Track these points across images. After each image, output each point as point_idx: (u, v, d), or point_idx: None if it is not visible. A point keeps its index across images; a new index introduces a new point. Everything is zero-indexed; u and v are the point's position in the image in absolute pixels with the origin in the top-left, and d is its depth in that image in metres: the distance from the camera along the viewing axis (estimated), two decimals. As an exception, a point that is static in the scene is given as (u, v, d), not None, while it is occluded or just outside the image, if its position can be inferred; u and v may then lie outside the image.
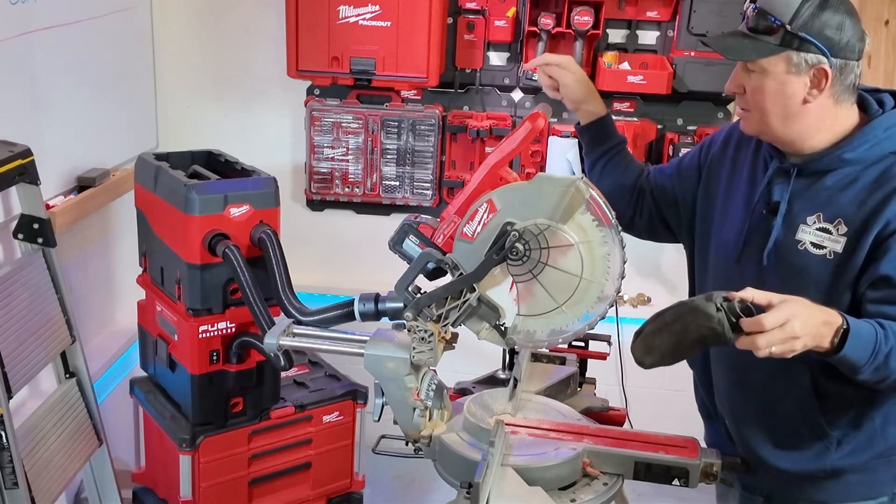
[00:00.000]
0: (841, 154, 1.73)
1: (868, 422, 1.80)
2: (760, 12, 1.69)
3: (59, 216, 2.63)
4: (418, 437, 1.82)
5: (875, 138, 1.72)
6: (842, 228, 1.71)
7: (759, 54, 1.69)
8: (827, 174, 1.75)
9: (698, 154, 2.05)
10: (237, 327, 2.61)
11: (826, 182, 1.75)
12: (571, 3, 3.20)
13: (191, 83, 3.59)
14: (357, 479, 3.05)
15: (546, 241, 1.68)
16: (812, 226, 1.75)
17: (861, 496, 1.87)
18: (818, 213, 1.74)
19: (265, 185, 2.60)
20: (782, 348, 1.52)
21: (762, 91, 1.72)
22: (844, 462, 1.83)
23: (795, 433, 1.84)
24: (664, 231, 2.13)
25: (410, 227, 1.80)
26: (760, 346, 1.51)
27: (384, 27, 3.19)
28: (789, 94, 1.71)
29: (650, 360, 1.63)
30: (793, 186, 1.78)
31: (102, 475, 2.82)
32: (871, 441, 1.82)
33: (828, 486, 1.86)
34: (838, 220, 1.72)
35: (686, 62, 3.23)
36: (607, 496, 1.76)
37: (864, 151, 1.72)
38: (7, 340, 2.31)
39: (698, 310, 1.56)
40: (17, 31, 2.52)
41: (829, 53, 1.67)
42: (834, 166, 1.74)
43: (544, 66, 2.12)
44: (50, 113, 2.73)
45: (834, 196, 1.73)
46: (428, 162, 3.49)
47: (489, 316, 1.75)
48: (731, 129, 1.99)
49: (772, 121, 1.74)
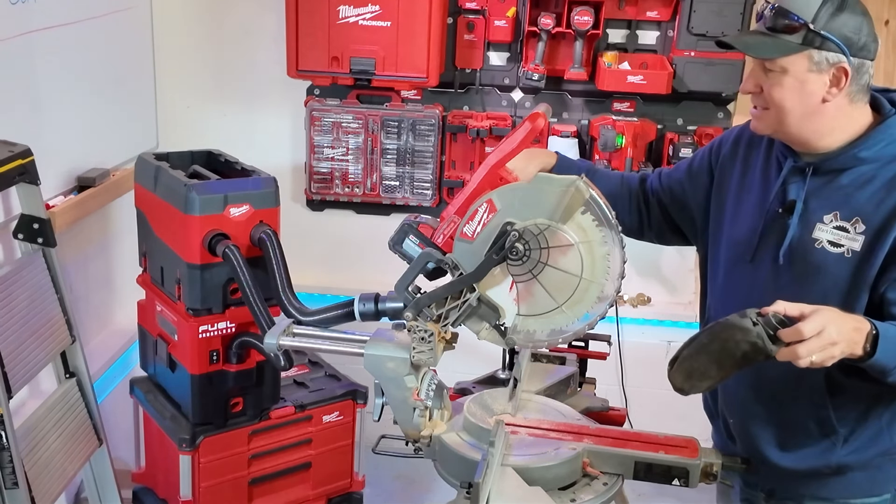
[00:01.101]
0: (857, 153, 1.74)
1: (876, 419, 1.82)
2: (780, 11, 1.69)
3: (59, 216, 2.63)
4: (418, 437, 1.82)
5: (890, 136, 1.73)
6: (859, 227, 1.72)
7: (781, 52, 1.69)
8: (843, 173, 1.76)
9: (708, 155, 2.04)
10: (237, 327, 2.61)
11: (842, 181, 1.76)
12: (571, 3, 3.20)
13: (191, 83, 3.59)
14: (357, 479, 3.05)
15: (546, 240, 1.68)
16: (829, 224, 1.75)
17: (864, 493, 1.88)
18: (835, 212, 1.75)
19: (265, 185, 2.60)
20: (822, 356, 1.53)
21: (781, 89, 1.72)
22: (850, 459, 1.83)
23: (804, 430, 1.84)
24: (674, 236, 2.12)
25: (410, 227, 1.80)
26: (801, 356, 1.52)
27: (384, 27, 3.19)
28: (809, 92, 1.71)
29: (691, 384, 1.62)
30: (808, 185, 1.78)
31: (102, 475, 2.82)
32: (877, 438, 1.83)
33: (832, 483, 1.87)
34: (855, 218, 1.73)
35: (686, 62, 3.23)
36: (607, 496, 1.76)
37: (879, 150, 1.73)
38: (7, 340, 2.31)
39: (735, 326, 1.55)
40: (17, 31, 2.52)
41: (848, 53, 1.68)
42: (850, 165, 1.75)
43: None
44: (50, 113, 2.73)
45: (850, 195, 1.74)
46: (428, 162, 3.49)
47: (489, 316, 1.75)
48: (741, 130, 1.99)
49: (789, 119, 1.74)
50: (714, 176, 2.01)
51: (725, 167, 1.99)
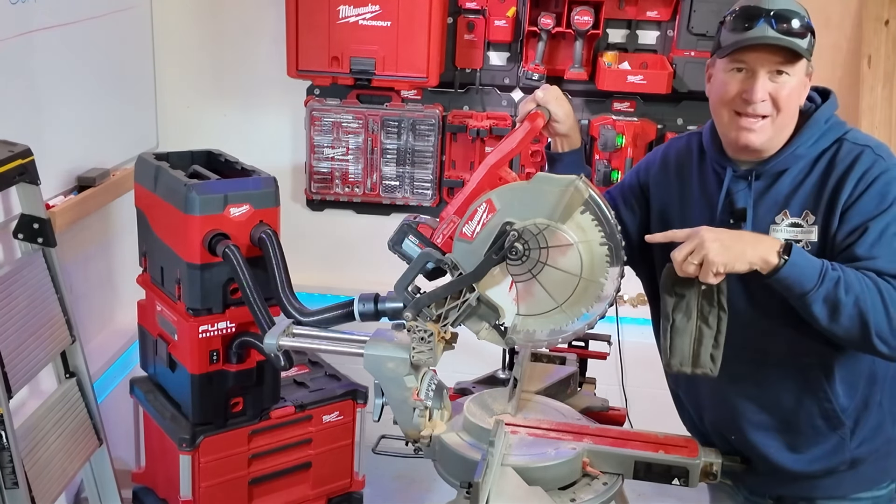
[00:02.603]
0: (794, 151, 1.79)
1: (876, 406, 1.84)
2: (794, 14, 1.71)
3: (59, 216, 2.63)
4: (418, 437, 1.82)
5: (819, 131, 1.79)
6: (811, 218, 1.76)
7: (808, 55, 1.74)
8: (783, 173, 1.80)
9: (637, 183, 2.04)
10: (237, 327, 2.61)
11: (784, 181, 1.80)
12: (571, 3, 3.20)
13: (191, 83, 3.59)
14: (357, 479, 3.05)
15: (545, 240, 1.68)
16: (782, 223, 1.78)
17: (874, 484, 1.90)
18: (784, 210, 1.79)
19: (265, 184, 2.60)
20: (725, 257, 1.61)
21: (791, 93, 1.75)
22: (861, 451, 1.85)
23: (813, 428, 1.85)
24: None
25: (410, 227, 1.80)
26: (677, 258, 1.64)
27: (384, 27, 3.19)
28: (802, 95, 1.79)
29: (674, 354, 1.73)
30: (754, 190, 1.81)
31: (102, 475, 2.82)
32: (881, 425, 1.85)
33: (845, 479, 1.88)
34: (805, 211, 1.77)
35: (686, 62, 3.23)
36: (607, 496, 1.76)
37: (812, 145, 1.78)
38: (7, 340, 2.31)
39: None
40: (17, 31, 2.53)
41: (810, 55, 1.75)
42: (789, 164, 1.80)
43: (542, 102, 1.94)
44: (50, 113, 2.73)
45: (795, 191, 1.79)
46: (428, 162, 3.49)
47: (489, 316, 1.75)
48: (666, 150, 2.02)
49: (788, 124, 1.78)
50: (650, 201, 2.01)
51: (659, 190, 1.99)
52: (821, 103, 1.83)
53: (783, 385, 1.83)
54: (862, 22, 3.18)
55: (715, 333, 1.70)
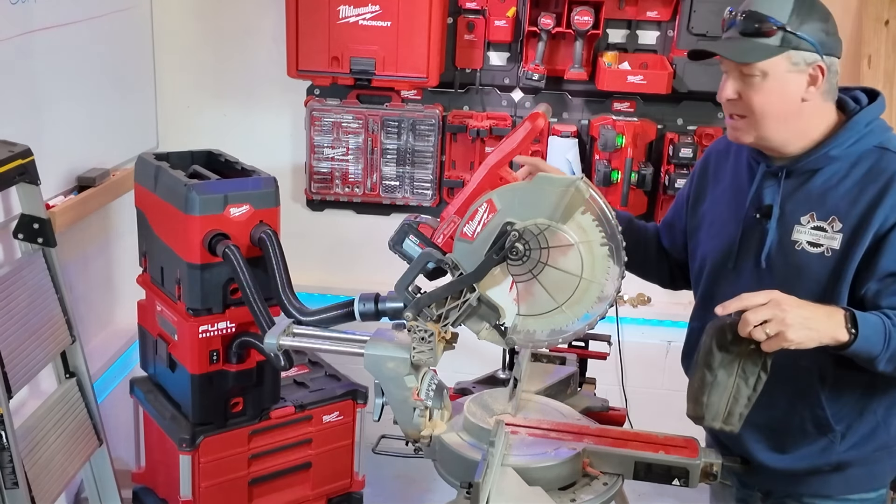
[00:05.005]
0: (828, 152, 1.77)
1: (871, 414, 1.83)
2: (755, 16, 1.71)
3: (59, 216, 2.63)
4: (418, 437, 1.82)
5: (858, 133, 1.76)
6: (836, 225, 1.75)
7: (765, 55, 1.71)
8: (816, 173, 1.79)
9: (691, 186, 2.08)
10: (237, 327, 2.61)
11: (815, 181, 1.79)
12: (571, 3, 3.20)
13: (191, 83, 3.59)
14: (357, 479, 3.05)
15: (546, 240, 1.68)
16: (807, 225, 1.78)
17: (864, 488, 1.89)
18: (811, 213, 1.78)
19: (265, 184, 2.60)
20: (800, 335, 1.56)
21: (762, 93, 1.73)
22: (849, 455, 1.84)
23: (801, 432, 1.85)
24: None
25: (410, 227, 1.80)
26: (750, 321, 1.57)
27: (384, 27, 3.19)
28: (789, 92, 1.74)
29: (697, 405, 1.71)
30: (783, 188, 1.81)
31: (102, 475, 2.82)
32: (874, 433, 1.84)
33: (832, 480, 1.88)
34: (832, 217, 1.76)
35: (686, 62, 3.23)
36: (607, 496, 1.76)
37: (848, 148, 1.76)
38: (7, 340, 2.31)
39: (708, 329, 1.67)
40: (17, 31, 2.52)
41: (821, 51, 1.71)
42: (822, 165, 1.78)
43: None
44: (50, 113, 2.73)
45: (825, 194, 1.77)
46: (428, 162, 3.49)
47: (489, 316, 1.75)
48: (706, 156, 2.04)
49: (769, 123, 1.76)
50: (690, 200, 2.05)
51: (701, 187, 2.03)
52: (867, 104, 1.80)
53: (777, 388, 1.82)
54: (862, 22, 3.18)
55: (750, 393, 1.67)
